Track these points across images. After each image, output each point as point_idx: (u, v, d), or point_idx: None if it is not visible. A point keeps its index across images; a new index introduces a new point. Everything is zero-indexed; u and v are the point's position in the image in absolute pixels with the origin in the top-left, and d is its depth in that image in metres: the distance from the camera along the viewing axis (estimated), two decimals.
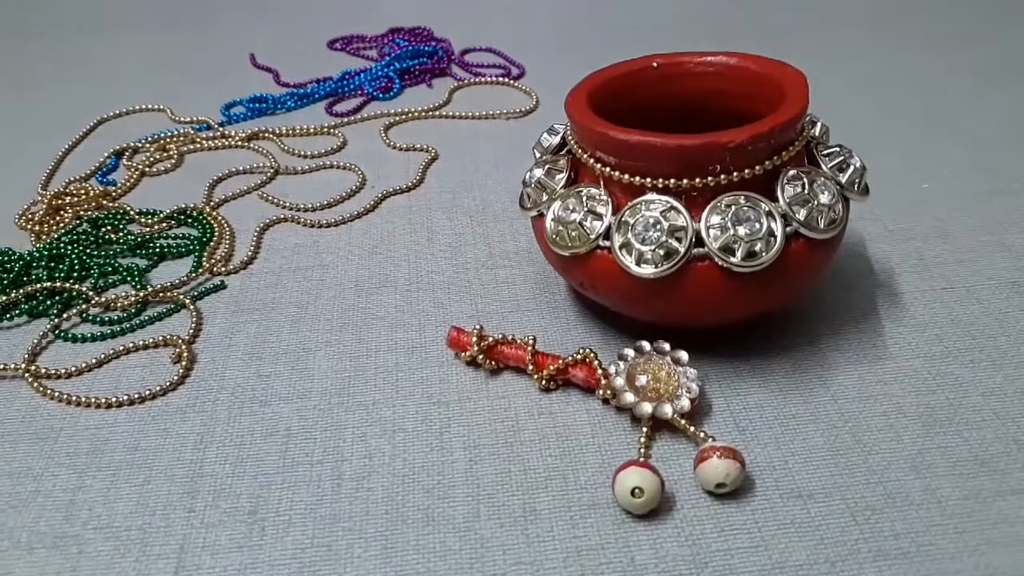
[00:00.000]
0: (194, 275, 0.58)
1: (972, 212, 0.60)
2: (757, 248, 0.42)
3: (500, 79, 0.85)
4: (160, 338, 0.52)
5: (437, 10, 1.05)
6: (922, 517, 0.39)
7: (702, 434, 0.43)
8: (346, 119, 0.79)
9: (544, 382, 0.47)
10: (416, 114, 0.79)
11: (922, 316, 0.50)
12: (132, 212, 0.65)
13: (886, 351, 0.48)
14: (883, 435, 0.43)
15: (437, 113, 0.79)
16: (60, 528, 0.41)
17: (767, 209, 0.42)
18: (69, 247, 0.60)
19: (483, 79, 0.85)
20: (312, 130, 0.77)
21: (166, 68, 0.93)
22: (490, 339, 0.48)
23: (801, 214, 0.43)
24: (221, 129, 0.77)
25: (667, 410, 0.43)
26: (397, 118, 0.79)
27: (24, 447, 0.45)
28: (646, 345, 0.46)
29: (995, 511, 0.39)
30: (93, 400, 0.48)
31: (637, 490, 0.39)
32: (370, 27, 0.99)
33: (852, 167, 0.46)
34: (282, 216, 0.64)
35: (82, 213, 0.65)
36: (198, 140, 0.76)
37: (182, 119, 0.80)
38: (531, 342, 0.47)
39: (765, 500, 0.40)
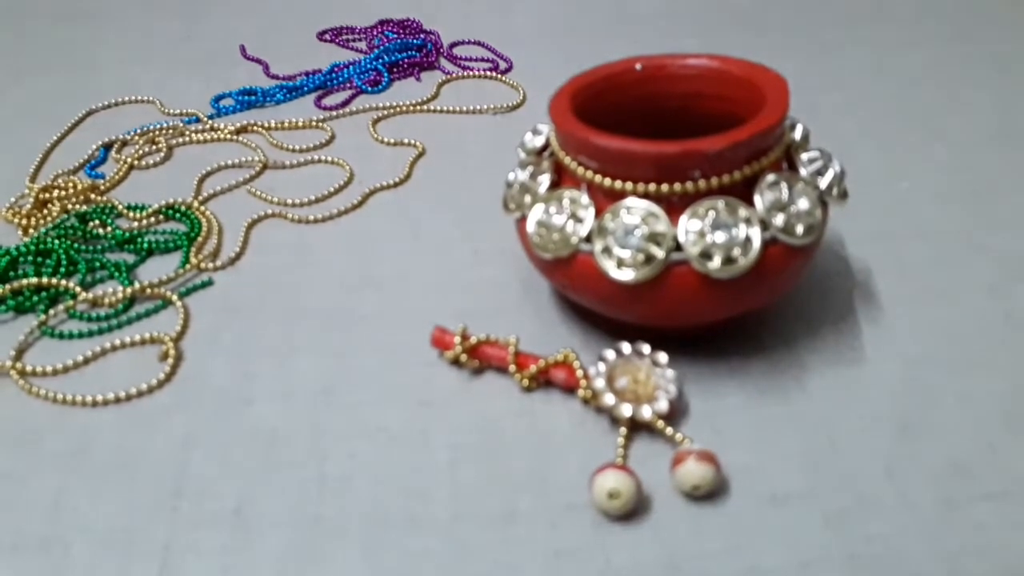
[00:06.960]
0: (181, 271, 0.58)
1: (951, 213, 0.60)
2: (734, 254, 0.42)
3: (488, 73, 0.85)
4: (147, 335, 0.53)
5: (426, 0, 1.04)
6: (895, 522, 0.40)
7: (679, 436, 0.43)
8: (335, 113, 0.79)
9: (526, 382, 0.47)
10: (404, 108, 0.79)
11: (899, 318, 0.51)
12: (120, 207, 0.65)
13: (862, 353, 0.49)
14: (858, 438, 0.44)
15: (425, 107, 0.79)
16: (44, 529, 0.41)
17: (745, 215, 0.43)
18: (56, 242, 0.60)
19: (471, 73, 0.85)
20: (301, 124, 0.77)
21: (156, 59, 0.93)
22: (473, 339, 0.48)
23: (779, 220, 0.43)
24: (210, 122, 0.77)
25: (646, 412, 0.44)
26: (385, 112, 0.79)
27: (9, 446, 0.46)
28: (626, 347, 0.46)
29: (968, 517, 0.40)
30: (79, 398, 0.48)
31: (614, 493, 0.39)
32: (360, 18, 0.99)
33: (832, 172, 0.47)
34: (269, 212, 0.65)
35: (70, 207, 0.66)
36: (187, 133, 0.76)
37: (171, 111, 0.80)
38: (514, 342, 0.48)
39: (740, 503, 0.41)
